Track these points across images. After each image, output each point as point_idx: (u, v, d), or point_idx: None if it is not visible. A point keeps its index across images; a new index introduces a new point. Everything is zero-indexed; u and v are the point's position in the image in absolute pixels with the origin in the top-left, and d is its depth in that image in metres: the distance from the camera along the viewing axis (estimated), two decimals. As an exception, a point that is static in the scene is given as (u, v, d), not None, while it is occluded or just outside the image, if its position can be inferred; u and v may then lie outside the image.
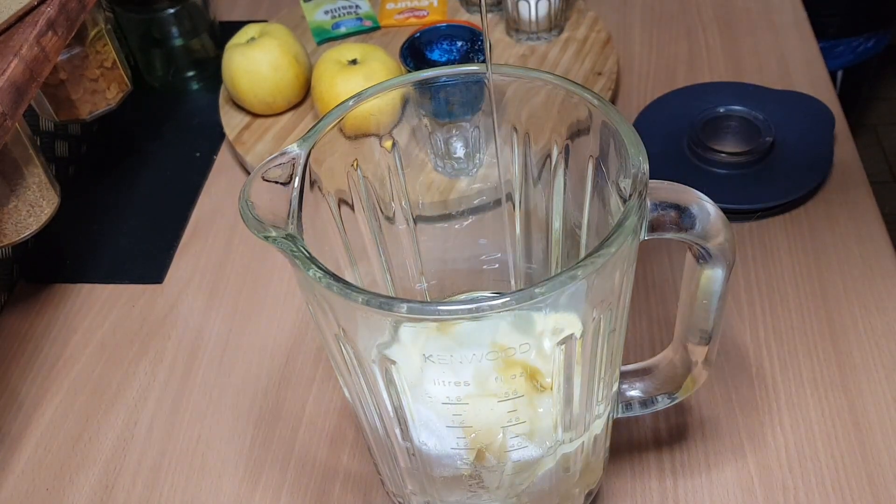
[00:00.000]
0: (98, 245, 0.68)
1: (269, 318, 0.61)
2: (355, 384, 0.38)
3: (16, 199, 0.55)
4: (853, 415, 0.51)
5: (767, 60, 0.77)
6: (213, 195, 0.71)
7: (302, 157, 0.37)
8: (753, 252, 0.61)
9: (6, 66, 0.48)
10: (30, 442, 0.55)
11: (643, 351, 0.56)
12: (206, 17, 0.81)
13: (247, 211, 0.34)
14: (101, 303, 0.64)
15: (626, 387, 0.45)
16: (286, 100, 0.73)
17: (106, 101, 0.65)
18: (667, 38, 0.81)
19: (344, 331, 0.35)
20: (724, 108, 0.68)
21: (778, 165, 0.65)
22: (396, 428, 0.39)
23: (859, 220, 0.62)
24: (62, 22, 0.53)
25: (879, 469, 0.48)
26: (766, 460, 0.49)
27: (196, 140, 0.76)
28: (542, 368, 0.38)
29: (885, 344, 0.54)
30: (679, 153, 0.67)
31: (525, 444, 0.39)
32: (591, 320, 0.35)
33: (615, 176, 0.37)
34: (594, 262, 0.32)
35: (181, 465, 0.53)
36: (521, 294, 0.30)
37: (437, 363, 0.36)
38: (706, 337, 0.42)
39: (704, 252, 0.38)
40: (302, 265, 0.33)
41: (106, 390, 0.58)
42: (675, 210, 0.36)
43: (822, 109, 0.69)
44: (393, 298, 0.31)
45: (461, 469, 0.40)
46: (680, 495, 0.48)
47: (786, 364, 0.54)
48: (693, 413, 0.52)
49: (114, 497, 0.52)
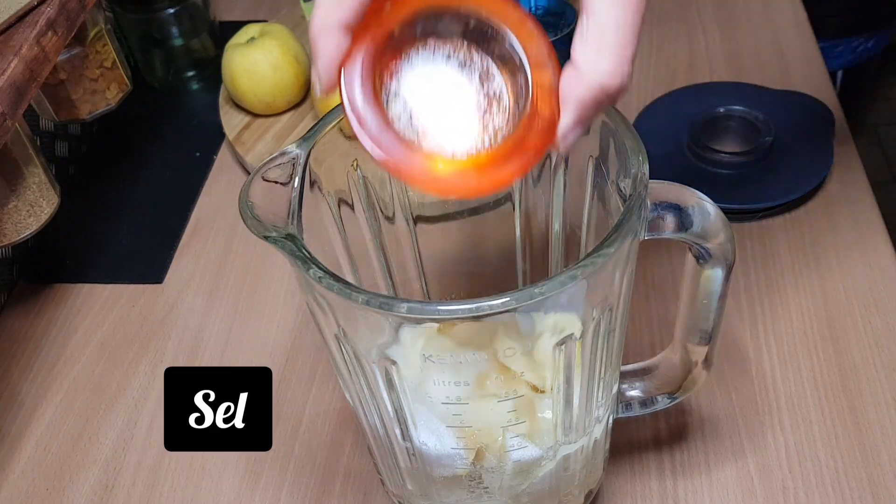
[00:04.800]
0: (98, 245, 0.68)
1: (268, 318, 0.61)
2: (355, 384, 0.38)
3: (16, 199, 0.55)
4: (853, 415, 0.51)
5: (767, 60, 0.77)
6: (213, 195, 0.71)
7: (302, 157, 0.37)
8: (753, 252, 0.61)
9: (6, 65, 0.48)
10: (30, 442, 0.55)
11: (643, 351, 0.55)
12: (205, 17, 0.81)
13: (247, 211, 0.34)
14: (101, 303, 0.64)
15: (626, 387, 0.45)
16: (286, 100, 0.73)
17: (106, 101, 0.65)
18: (666, 38, 0.80)
19: (344, 331, 0.35)
20: (724, 108, 0.68)
21: (778, 165, 0.65)
22: (396, 428, 0.39)
23: (859, 221, 0.62)
24: (62, 22, 0.53)
25: (879, 469, 0.48)
26: (766, 460, 0.49)
27: (196, 140, 0.76)
28: (542, 369, 0.38)
29: (885, 344, 0.54)
30: (679, 153, 0.67)
31: (525, 445, 0.39)
32: (591, 320, 0.35)
33: (615, 176, 0.37)
34: (594, 262, 0.32)
35: (181, 465, 0.53)
36: (521, 294, 0.30)
37: (437, 363, 0.36)
38: (706, 337, 0.42)
39: (704, 252, 0.38)
40: (302, 265, 0.33)
41: (106, 390, 0.58)
42: (675, 210, 0.36)
43: (822, 109, 0.68)
44: (393, 298, 0.31)
45: (461, 469, 0.40)
46: (680, 495, 0.48)
47: (786, 364, 0.54)
48: (693, 413, 0.52)
49: (114, 497, 0.52)
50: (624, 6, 0.29)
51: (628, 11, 0.29)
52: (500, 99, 0.32)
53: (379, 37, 0.31)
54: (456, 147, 0.32)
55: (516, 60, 0.32)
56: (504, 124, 0.32)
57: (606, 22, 0.29)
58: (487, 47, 0.32)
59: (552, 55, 0.31)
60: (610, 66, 0.30)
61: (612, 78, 0.30)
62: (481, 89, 0.32)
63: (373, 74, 0.31)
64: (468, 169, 0.32)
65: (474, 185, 0.32)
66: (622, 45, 0.30)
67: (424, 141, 0.32)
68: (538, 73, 0.31)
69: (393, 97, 0.32)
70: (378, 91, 0.31)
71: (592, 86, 0.30)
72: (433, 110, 0.32)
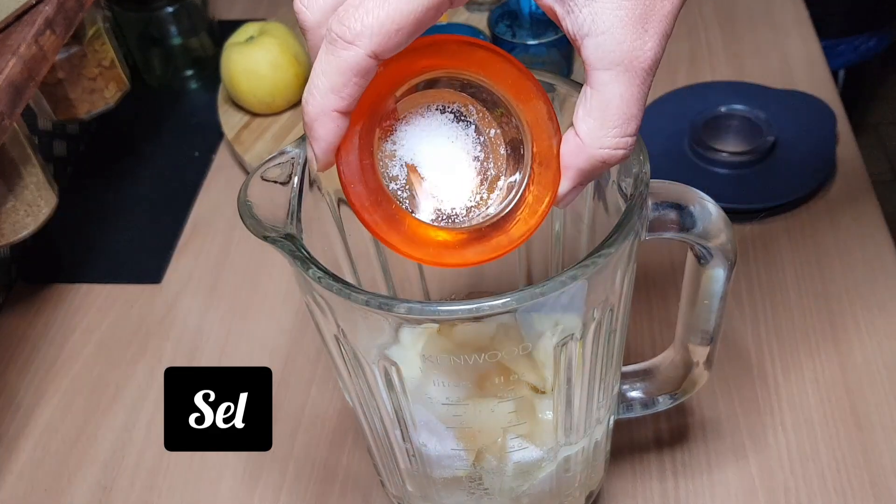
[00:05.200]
0: (96, 245, 0.68)
1: (268, 318, 0.61)
2: (355, 385, 0.38)
3: (14, 198, 0.55)
4: (855, 416, 0.51)
5: (769, 59, 0.77)
6: (212, 195, 0.71)
7: (301, 157, 0.37)
8: (755, 252, 0.61)
9: (4, 65, 0.48)
10: (28, 442, 0.55)
11: (644, 351, 0.55)
12: (204, 16, 0.81)
13: (246, 210, 0.34)
14: (100, 303, 0.63)
15: (627, 387, 0.45)
16: (285, 99, 0.73)
17: (104, 100, 0.65)
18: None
19: (343, 331, 0.35)
20: (726, 108, 0.68)
21: (779, 165, 0.65)
22: (396, 429, 0.39)
23: (861, 220, 0.61)
24: (60, 21, 0.53)
25: (881, 470, 0.48)
26: (767, 461, 0.49)
27: (195, 139, 0.76)
28: (542, 369, 0.38)
29: (887, 344, 0.54)
30: (680, 153, 0.67)
31: (525, 446, 0.39)
32: (592, 321, 0.35)
33: (616, 176, 0.37)
34: (594, 262, 0.31)
35: (181, 465, 0.53)
36: (521, 294, 0.30)
37: (437, 364, 0.36)
38: (707, 337, 0.42)
39: (706, 252, 0.38)
40: (301, 265, 0.33)
41: (104, 390, 0.58)
42: (677, 210, 0.36)
43: (823, 108, 0.68)
44: (393, 298, 0.31)
45: (461, 470, 0.40)
46: (681, 496, 0.48)
47: (787, 364, 0.54)
48: (694, 414, 0.52)
49: (112, 497, 0.52)
50: (629, 81, 0.29)
51: (633, 85, 0.29)
52: (499, 168, 0.32)
53: (375, 114, 0.31)
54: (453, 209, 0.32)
55: (515, 127, 0.32)
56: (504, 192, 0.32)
57: (610, 97, 0.29)
58: (484, 114, 0.32)
59: (552, 117, 0.31)
60: (613, 141, 0.30)
61: (614, 151, 0.30)
62: (480, 157, 0.32)
63: (370, 151, 0.31)
64: (465, 237, 0.32)
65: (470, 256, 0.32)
66: (627, 119, 0.29)
67: (424, 208, 0.32)
68: (538, 140, 0.31)
69: (389, 162, 0.32)
70: (375, 165, 0.31)
71: (594, 158, 0.30)
72: (432, 174, 0.32)
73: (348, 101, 0.28)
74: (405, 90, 0.31)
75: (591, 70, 0.29)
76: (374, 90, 0.29)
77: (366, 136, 0.31)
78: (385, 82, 0.30)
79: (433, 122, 0.32)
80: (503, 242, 0.32)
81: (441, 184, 0.32)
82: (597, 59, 0.29)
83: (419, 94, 0.31)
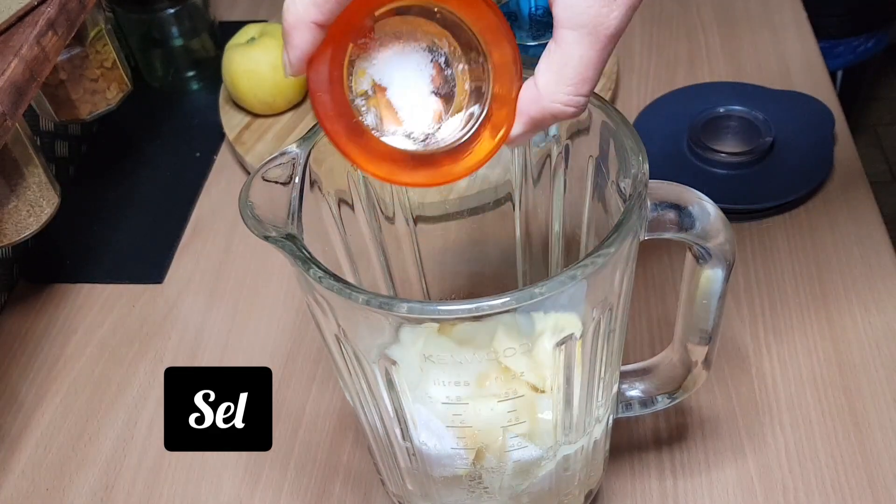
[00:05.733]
0: (98, 245, 0.68)
1: (268, 318, 0.61)
2: (355, 384, 0.38)
3: (16, 198, 0.55)
4: (853, 415, 0.51)
5: (767, 60, 0.77)
6: (213, 195, 0.71)
7: (302, 157, 0.37)
8: (753, 252, 0.61)
9: (6, 66, 0.48)
10: (30, 442, 0.55)
11: (643, 351, 0.55)
12: (206, 17, 0.81)
13: (247, 211, 0.34)
14: (101, 303, 0.64)
15: (627, 387, 0.45)
16: (286, 100, 0.73)
17: (106, 101, 0.65)
18: (667, 38, 0.80)
19: (344, 331, 0.35)
20: (724, 108, 0.68)
21: (778, 165, 0.65)
22: (396, 428, 0.39)
23: (859, 221, 0.62)
24: (62, 22, 0.53)
25: (879, 469, 0.48)
26: (766, 460, 0.49)
27: (196, 140, 0.76)
28: (542, 369, 0.38)
29: (884, 344, 0.54)
30: (679, 153, 0.67)
31: (525, 445, 0.39)
32: (591, 320, 0.35)
33: (615, 176, 0.37)
34: (594, 262, 0.32)
35: (181, 465, 0.53)
36: (521, 294, 0.30)
37: (437, 363, 0.36)
38: (706, 337, 0.42)
39: (704, 252, 0.38)
40: (302, 265, 0.33)
41: (106, 390, 0.58)
42: (675, 210, 0.36)
43: (822, 109, 0.68)
44: (393, 298, 0.31)
45: (461, 469, 0.40)
46: (680, 495, 0.48)
47: (786, 364, 0.54)
48: (693, 413, 0.52)
49: (114, 497, 0.52)
50: (591, 45, 0.31)
51: (593, 49, 0.31)
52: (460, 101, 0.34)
53: (351, 30, 0.32)
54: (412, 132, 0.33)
55: (481, 66, 0.33)
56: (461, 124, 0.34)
57: (570, 56, 0.31)
58: (455, 48, 0.33)
59: (517, 61, 0.33)
60: (566, 98, 0.31)
61: (565, 107, 0.32)
62: (444, 88, 0.33)
63: (340, 64, 0.32)
64: (418, 160, 0.33)
65: (420, 178, 0.33)
66: (582, 80, 0.31)
67: (385, 127, 0.33)
68: (500, 82, 0.33)
69: (360, 78, 0.33)
70: (344, 78, 0.32)
71: (546, 110, 0.32)
72: (398, 96, 0.33)
73: (327, 16, 0.30)
74: (384, 12, 0.32)
75: (558, 27, 0.31)
76: (354, 8, 0.31)
77: (339, 50, 0.32)
78: (365, 3, 0.31)
79: (406, 47, 0.33)
80: (454, 171, 0.33)
81: (404, 106, 0.33)
82: (565, 17, 0.30)
83: (398, 19, 0.32)
